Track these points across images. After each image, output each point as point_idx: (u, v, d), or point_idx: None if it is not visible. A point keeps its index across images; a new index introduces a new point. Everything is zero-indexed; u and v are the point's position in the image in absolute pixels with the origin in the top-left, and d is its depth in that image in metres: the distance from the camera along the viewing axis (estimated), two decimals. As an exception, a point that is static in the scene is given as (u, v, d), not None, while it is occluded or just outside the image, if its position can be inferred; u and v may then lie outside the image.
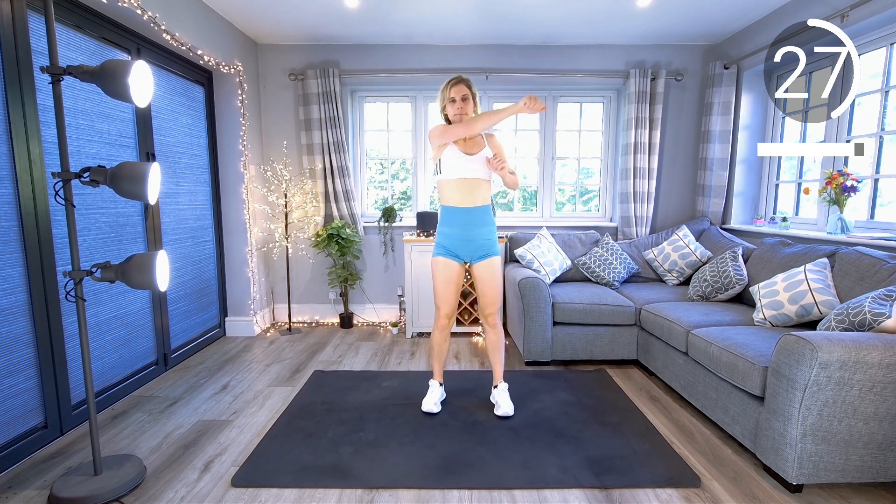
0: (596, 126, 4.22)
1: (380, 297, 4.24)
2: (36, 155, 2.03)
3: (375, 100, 4.19)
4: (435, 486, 1.83)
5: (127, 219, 2.65)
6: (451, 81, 2.28)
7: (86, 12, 2.34)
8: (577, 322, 3.04)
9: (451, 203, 2.33)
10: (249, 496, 1.78)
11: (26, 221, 2.01)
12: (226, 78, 3.55)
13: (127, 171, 1.77)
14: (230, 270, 3.75)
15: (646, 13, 3.31)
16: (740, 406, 2.04)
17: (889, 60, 2.69)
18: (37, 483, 1.85)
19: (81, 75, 1.69)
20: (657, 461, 1.99)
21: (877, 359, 1.66)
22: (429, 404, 2.42)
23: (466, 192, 2.29)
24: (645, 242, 3.79)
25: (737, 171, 3.75)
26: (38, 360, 2.09)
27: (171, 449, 2.11)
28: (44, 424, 2.13)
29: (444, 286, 2.38)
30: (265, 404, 2.55)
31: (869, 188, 2.82)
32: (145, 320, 2.83)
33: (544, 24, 3.53)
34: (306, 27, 3.61)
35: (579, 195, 4.37)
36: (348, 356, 3.34)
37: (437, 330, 2.45)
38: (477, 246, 2.34)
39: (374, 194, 4.39)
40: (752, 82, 3.63)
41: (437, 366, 2.52)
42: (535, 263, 3.45)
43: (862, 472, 1.75)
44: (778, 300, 2.37)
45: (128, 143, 2.66)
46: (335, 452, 2.05)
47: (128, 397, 2.63)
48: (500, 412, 2.37)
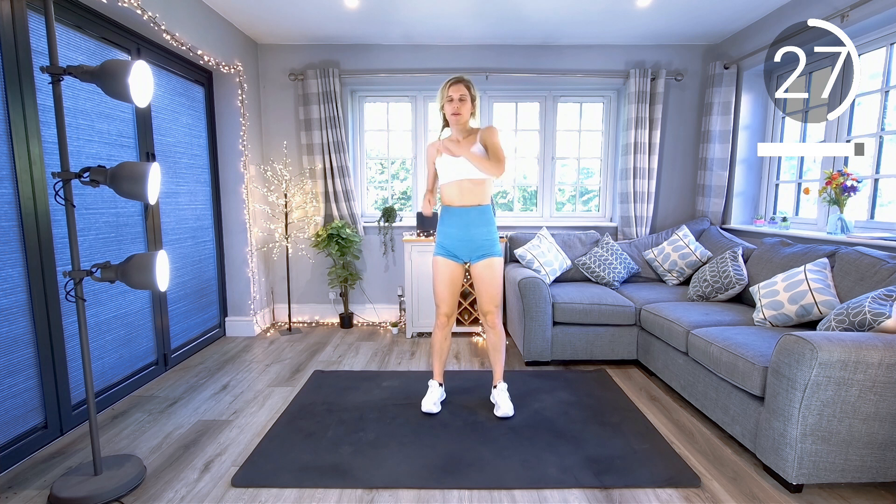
0: (596, 126, 4.22)
1: (380, 297, 4.24)
2: (36, 155, 2.03)
3: (375, 100, 4.19)
4: (435, 486, 1.83)
5: (127, 219, 2.65)
6: (451, 81, 2.29)
7: (86, 12, 2.34)
8: (577, 322, 3.04)
9: (450, 203, 2.35)
10: (249, 496, 1.78)
11: (26, 221, 2.01)
12: (226, 78, 3.55)
13: (127, 171, 1.76)
14: (230, 270, 3.75)
15: (646, 13, 3.31)
16: (740, 406, 2.04)
17: (889, 60, 2.69)
18: (37, 483, 1.85)
19: (81, 75, 1.69)
20: (657, 461, 1.99)
21: (877, 359, 1.66)
22: (428, 404, 2.42)
23: (463, 193, 2.30)
24: (645, 242, 3.79)
25: (737, 171, 3.75)
26: (38, 360, 2.09)
27: (171, 449, 2.11)
28: (44, 424, 2.13)
29: (444, 286, 2.39)
30: (265, 404, 2.55)
31: (869, 188, 2.82)
32: (145, 320, 2.83)
33: (544, 24, 3.53)
34: (306, 27, 3.61)
35: (579, 195, 4.36)
36: (348, 356, 3.34)
37: (438, 329, 2.46)
38: (476, 246, 2.34)
39: (374, 194, 4.39)
40: (752, 82, 3.63)
41: (438, 365, 2.52)
42: (535, 263, 3.45)
43: (862, 472, 1.75)
44: (778, 300, 2.37)
45: (128, 143, 2.66)
46: (335, 452, 2.05)
47: (128, 397, 2.63)
48: (499, 413, 2.37)
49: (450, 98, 2.28)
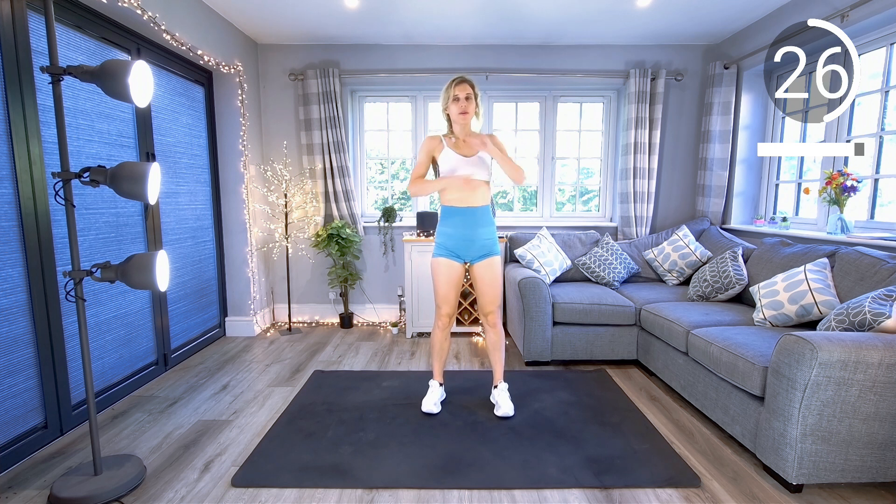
0: (596, 126, 4.22)
1: (380, 297, 4.24)
2: (36, 155, 2.03)
3: (375, 100, 4.19)
4: (435, 486, 1.83)
5: (127, 219, 2.65)
6: (455, 80, 2.28)
7: (86, 12, 2.34)
8: (577, 322, 3.03)
9: (450, 203, 2.34)
10: (249, 496, 1.78)
11: (26, 221, 2.01)
12: (226, 78, 3.55)
13: (127, 171, 1.77)
14: (230, 270, 3.75)
15: (646, 13, 3.31)
16: (740, 406, 2.04)
17: (889, 60, 2.69)
18: (37, 483, 1.85)
19: (81, 75, 1.69)
20: (657, 461, 1.99)
21: (877, 359, 1.66)
22: (429, 404, 2.42)
23: (466, 193, 2.30)
24: (645, 242, 3.79)
25: (737, 171, 3.75)
26: (38, 360, 2.09)
27: (171, 449, 2.11)
28: (44, 424, 2.13)
29: (444, 286, 2.38)
30: (265, 404, 2.55)
31: (869, 188, 2.82)
32: (145, 320, 2.83)
33: (544, 24, 3.53)
34: (306, 27, 3.61)
35: (579, 195, 4.36)
36: (348, 356, 3.34)
37: (438, 329, 2.46)
38: (477, 246, 2.35)
39: (374, 194, 4.39)
40: (752, 82, 3.63)
41: (438, 365, 2.52)
42: (535, 263, 3.45)
43: (862, 472, 1.75)
44: (778, 300, 2.37)
45: (128, 143, 2.66)
46: (335, 452, 2.05)
47: (128, 397, 2.63)
48: (500, 413, 2.37)
49: (456, 98, 2.27)
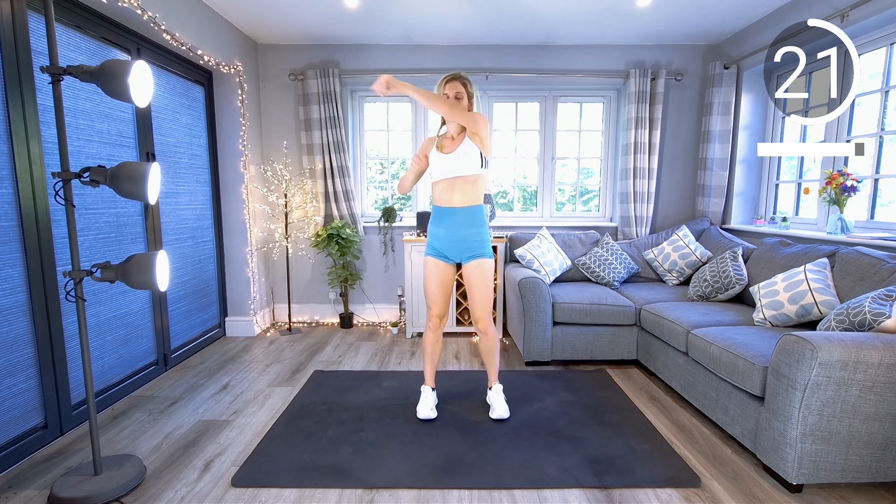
0: (596, 126, 4.21)
1: (380, 297, 4.24)
2: (36, 155, 2.03)
3: (375, 100, 4.18)
4: (435, 486, 1.83)
5: (127, 219, 2.65)
6: (447, 78, 2.27)
7: (86, 12, 2.34)
8: (577, 322, 3.03)
9: (439, 203, 2.32)
10: (249, 496, 1.78)
11: (26, 221, 2.01)
12: (226, 78, 3.55)
13: (127, 171, 1.77)
14: (230, 270, 3.75)
15: (646, 13, 3.31)
16: (740, 406, 2.03)
17: (889, 60, 2.69)
18: (37, 483, 1.85)
19: (81, 75, 1.69)
20: (657, 461, 1.99)
21: (877, 359, 1.66)
22: (424, 411, 2.36)
23: (452, 192, 2.26)
24: (645, 242, 3.79)
25: (737, 171, 3.75)
26: (38, 360, 2.09)
27: (171, 449, 2.11)
28: (44, 424, 2.12)
29: (432, 286, 2.36)
30: (265, 404, 2.55)
31: (869, 188, 2.82)
32: (145, 320, 2.83)
33: (544, 24, 3.53)
34: (306, 27, 3.61)
35: (579, 195, 4.36)
36: (348, 356, 3.34)
37: (430, 331, 2.43)
38: (466, 246, 2.29)
39: (374, 194, 4.39)
40: (752, 82, 3.63)
41: (430, 369, 2.48)
42: (535, 263, 3.45)
43: (862, 472, 1.75)
44: (778, 300, 2.37)
45: (128, 143, 2.66)
46: (335, 452, 2.05)
47: (128, 397, 2.63)
48: (494, 415, 2.34)
49: (445, 96, 2.26)
